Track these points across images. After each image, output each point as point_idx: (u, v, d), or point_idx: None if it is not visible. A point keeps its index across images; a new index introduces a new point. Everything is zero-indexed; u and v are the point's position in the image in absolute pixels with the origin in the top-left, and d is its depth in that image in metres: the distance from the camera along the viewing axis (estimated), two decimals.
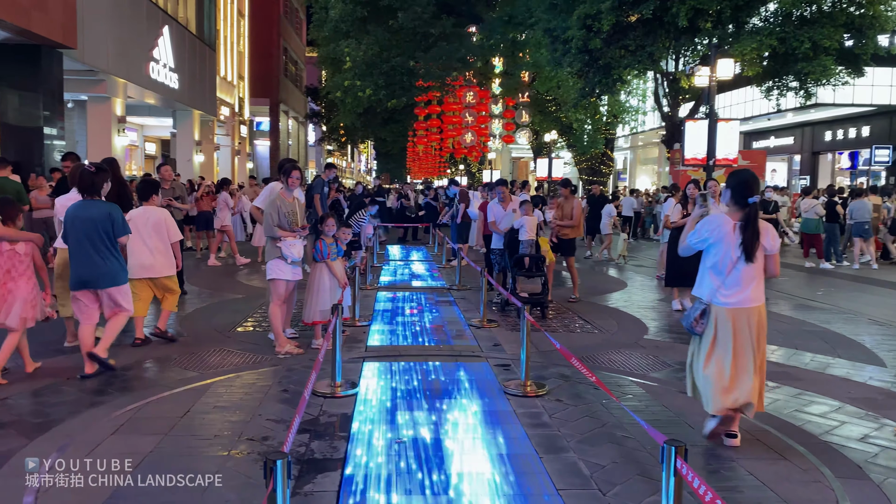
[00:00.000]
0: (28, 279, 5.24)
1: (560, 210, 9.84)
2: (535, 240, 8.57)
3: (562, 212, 9.78)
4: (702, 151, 16.30)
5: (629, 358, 6.28)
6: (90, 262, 5.21)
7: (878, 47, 16.82)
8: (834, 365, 6.21)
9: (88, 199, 5.35)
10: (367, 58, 24.36)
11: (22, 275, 5.21)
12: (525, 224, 8.51)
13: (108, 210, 5.30)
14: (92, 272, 5.23)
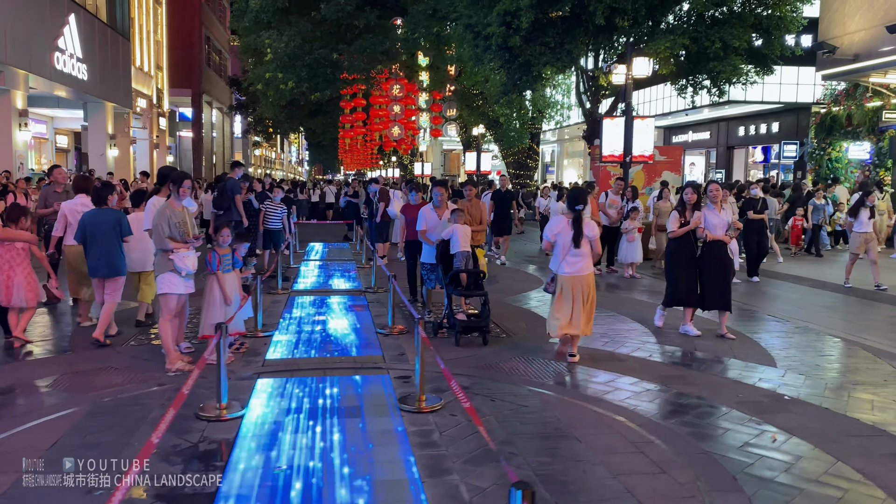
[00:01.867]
0: (24, 268, 6.59)
1: (467, 213, 8.38)
2: (470, 251, 7.44)
3: (469, 215, 8.45)
4: (619, 148, 16.62)
5: (531, 365, 6.29)
6: (104, 256, 6.63)
7: (785, 47, 17.50)
8: (729, 366, 6.39)
9: (99, 207, 6.77)
10: (289, 50, 23.79)
11: (19, 265, 6.55)
12: (457, 234, 7.38)
13: (117, 216, 6.77)
14: (105, 264, 6.65)
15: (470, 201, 8.63)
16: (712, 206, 7.49)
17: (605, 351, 6.91)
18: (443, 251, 7.55)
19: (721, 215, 7.45)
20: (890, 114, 17.68)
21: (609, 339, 7.47)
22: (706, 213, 7.41)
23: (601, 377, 5.95)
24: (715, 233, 7.36)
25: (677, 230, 7.42)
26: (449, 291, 7.20)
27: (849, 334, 7.87)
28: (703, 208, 7.48)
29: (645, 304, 9.69)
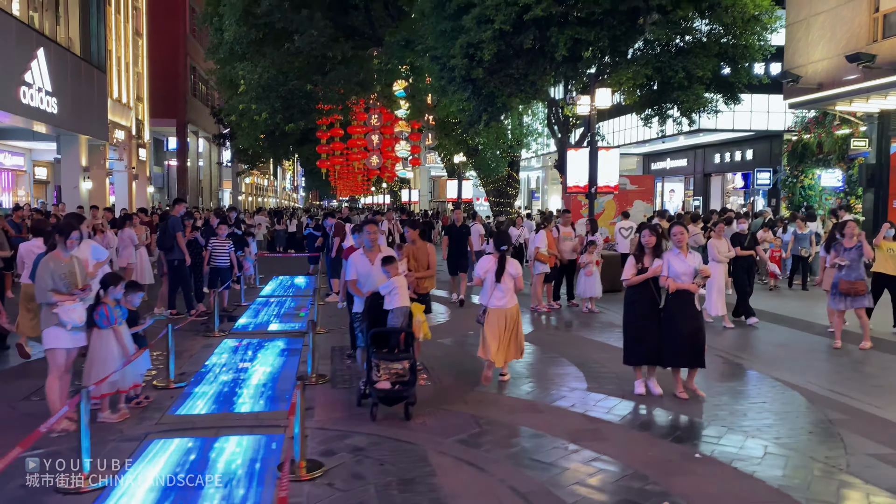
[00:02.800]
0: None
1: (412, 258, 7.74)
2: (408, 307, 6.38)
3: (416, 260, 7.72)
4: (584, 179, 16.49)
5: (444, 420, 6.02)
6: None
7: (752, 76, 17.45)
8: (656, 422, 6.13)
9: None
10: (262, 81, 23.77)
11: None
12: (395, 289, 6.30)
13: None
14: None
15: (414, 243, 7.87)
16: (677, 251, 6.65)
17: (526, 401, 6.65)
18: (371, 303, 6.42)
19: (687, 261, 6.58)
20: (858, 141, 17.59)
21: (538, 383, 7.21)
22: (670, 259, 6.58)
23: (508, 435, 5.68)
24: (680, 281, 6.52)
25: (632, 278, 6.66)
26: (370, 354, 6.08)
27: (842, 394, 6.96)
28: (667, 253, 6.66)
29: (594, 343, 9.45)
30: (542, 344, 9.32)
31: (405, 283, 6.52)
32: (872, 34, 15.77)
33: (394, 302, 6.31)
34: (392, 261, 6.48)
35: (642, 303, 6.70)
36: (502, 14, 15.26)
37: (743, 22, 16.49)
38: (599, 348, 9.10)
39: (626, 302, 6.87)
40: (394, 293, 6.32)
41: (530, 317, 11.84)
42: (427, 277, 7.80)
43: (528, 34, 15.52)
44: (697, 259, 6.68)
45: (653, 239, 6.71)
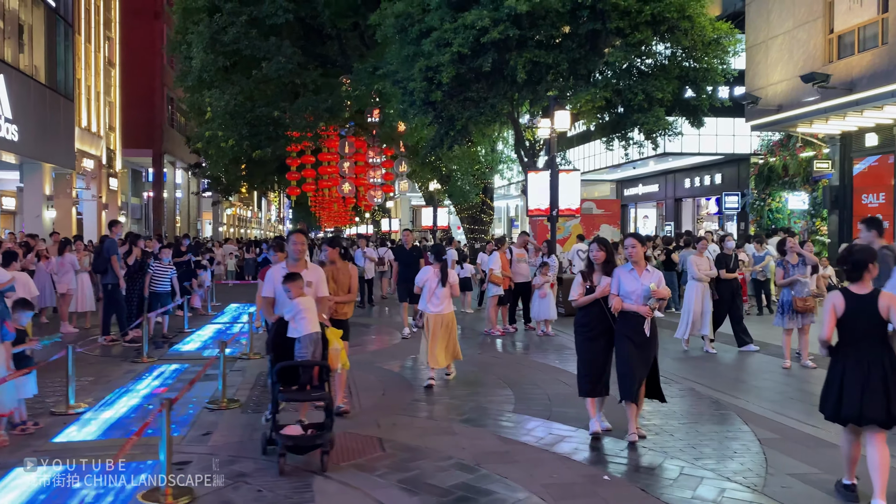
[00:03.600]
0: None
1: (331, 279, 6.55)
2: (318, 334, 5.42)
3: (336, 283, 6.65)
4: (545, 202, 16.28)
5: (351, 441, 5.63)
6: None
7: (714, 99, 17.42)
8: (567, 438, 5.79)
9: None
10: (229, 108, 23.58)
11: None
12: (300, 312, 5.33)
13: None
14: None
15: (334, 264, 6.78)
16: (630, 267, 5.75)
17: (442, 424, 6.28)
18: (277, 330, 5.45)
19: (641, 279, 5.65)
20: (821, 164, 17.53)
21: (462, 406, 6.85)
22: (620, 276, 5.71)
23: (410, 458, 5.31)
24: (629, 302, 5.62)
25: (579, 298, 5.92)
26: (274, 394, 5.20)
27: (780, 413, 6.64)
28: (618, 269, 5.80)
29: (539, 366, 9.11)
30: (482, 366, 8.98)
31: (313, 305, 5.48)
32: (828, 55, 15.79)
33: (300, 328, 5.33)
34: (295, 278, 5.44)
35: (592, 326, 5.87)
36: (460, 37, 15.19)
37: (703, 45, 16.51)
38: (542, 371, 8.76)
39: (575, 326, 6.06)
40: (299, 318, 5.34)
41: (482, 340, 11.50)
42: (347, 302, 6.77)
43: (486, 57, 15.43)
44: (655, 278, 5.69)
45: (601, 254, 5.90)
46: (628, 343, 5.62)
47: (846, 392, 4.19)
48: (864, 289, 4.27)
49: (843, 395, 4.20)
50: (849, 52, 15.33)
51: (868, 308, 4.17)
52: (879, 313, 4.15)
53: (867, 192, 16.72)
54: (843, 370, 4.27)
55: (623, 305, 5.62)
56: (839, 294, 4.34)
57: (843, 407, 4.21)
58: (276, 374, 5.23)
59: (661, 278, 5.80)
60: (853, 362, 4.23)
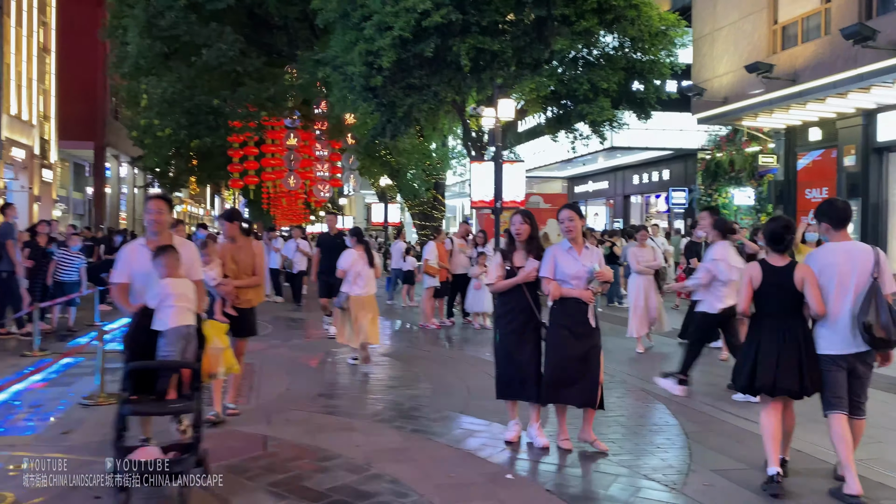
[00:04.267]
0: None
1: (230, 260, 5.60)
2: (191, 328, 4.16)
3: (236, 264, 5.62)
4: (489, 193, 15.80)
5: (231, 439, 4.98)
6: None
7: (662, 92, 17.18)
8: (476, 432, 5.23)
9: None
10: (167, 95, 22.53)
11: None
12: (168, 298, 4.10)
13: None
14: None
15: (234, 241, 5.72)
16: (568, 246, 4.87)
17: (344, 420, 5.66)
18: (138, 322, 4.18)
19: (581, 259, 4.81)
20: (766, 158, 17.41)
21: (372, 400, 6.25)
22: (558, 257, 4.82)
23: (291, 458, 4.69)
24: (568, 287, 4.79)
25: (497, 283, 4.98)
26: (122, 408, 3.87)
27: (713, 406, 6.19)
28: (553, 248, 4.95)
29: (467, 359, 8.56)
30: (407, 361, 8.40)
31: (189, 290, 4.21)
32: (772, 46, 15.63)
33: (165, 319, 4.05)
34: (168, 252, 4.18)
35: (512, 317, 4.95)
36: (402, 20, 14.60)
37: (650, 36, 16.25)
38: (470, 364, 8.23)
39: (494, 317, 5.20)
40: (165, 305, 4.08)
41: (415, 335, 10.92)
42: (251, 287, 5.70)
43: (428, 42, 14.86)
44: (596, 256, 4.91)
45: (525, 228, 4.93)
46: (567, 336, 4.72)
47: (761, 362, 4.13)
48: (781, 261, 4.21)
49: (757, 365, 4.14)
50: (792, 42, 15.19)
51: (784, 280, 4.13)
52: (794, 285, 4.11)
53: (811, 187, 16.65)
54: (759, 341, 4.19)
55: (562, 291, 4.76)
56: (756, 265, 4.28)
57: (758, 377, 4.14)
58: (126, 376, 3.95)
59: (601, 256, 5.03)
60: (768, 333, 4.16)
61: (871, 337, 3.94)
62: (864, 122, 14.95)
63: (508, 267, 4.96)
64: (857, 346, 4.03)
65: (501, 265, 5.02)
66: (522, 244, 5.01)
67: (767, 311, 4.20)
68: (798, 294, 4.11)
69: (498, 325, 5.13)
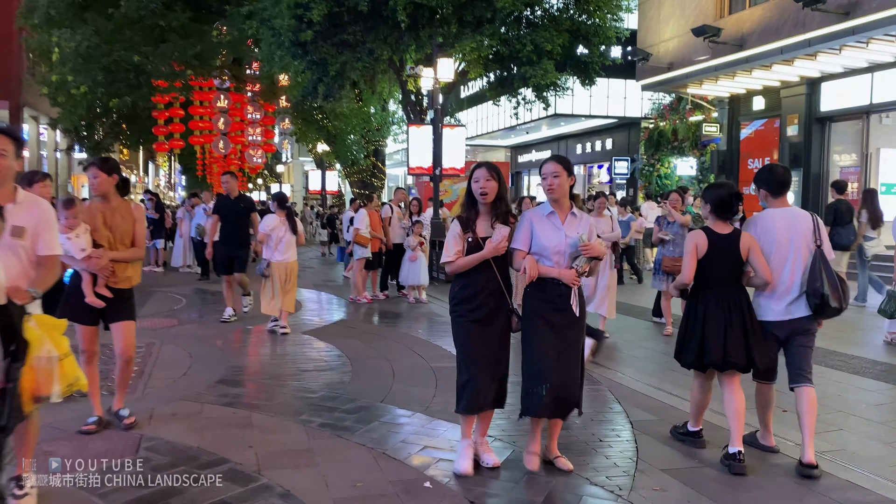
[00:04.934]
0: None
1: (102, 225, 4.33)
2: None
3: (110, 230, 4.36)
4: (428, 160, 15.01)
5: (102, 441, 4.13)
6: None
7: (607, 57, 16.62)
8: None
9: None
10: (81, 50, 20.74)
11: None
12: None
13: None
14: None
15: (107, 201, 4.40)
16: (549, 210, 3.80)
17: (242, 414, 4.86)
18: None
19: (566, 228, 3.75)
20: (709, 127, 17.14)
21: (277, 389, 5.46)
22: (535, 224, 3.77)
23: (168, 464, 3.89)
24: (549, 264, 3.73)
25: (458, 260, 3.80)
26: None
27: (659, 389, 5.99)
28: (530, 213, 3.89)
29: (401, 339, 7.82)
30: (330, 338, 7.62)
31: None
32: (719, 10, 15.24)
33: None
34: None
35: (479, 303, 3.77)
36: None
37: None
38: (400, 342, 7.51)
39: (451, 301, 3.90)
40: None
41: (343, 309, 10.14)
42: (129, 261, 4.43)
43: None
44: (585, 224, 3.81)
45: (491, 185, 3.73)
46: (543, 327, 3.69)
47: (708, 336, 3.93)
48: (726, 228, 4.02)
49: (705, 339, 3.93)
50: (740, 6, 14.80)
51: (729, 248, 3.96)
52: (740, 254, 3.95)
53: (753, 157, 16.46)
54: (704, 314, 3.97)
55: (540, 270, 3.69)
56: (701, 233, 4.02)
57: (707, 352, 3.93)
58: None
59: (592, 225, 3.86)
60: (714, 305, 3.95)
61: (824, 305, 3.86)
62: (807, 92, 14.74)
63: (470, 238, 3.77)
64: (797, 313, 3.96)
65: (461, 236, 3.80)
66: (487, 208, 3.81)
67: (712, 282, 3.99)
68: (742, 263, 3.98)
69: (457, 313, 3.84)
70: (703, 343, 3.94)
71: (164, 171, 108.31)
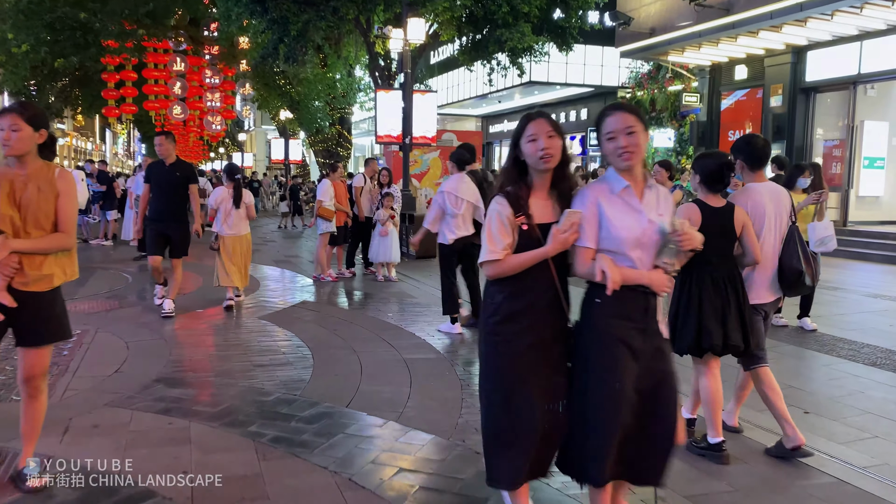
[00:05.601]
0: None
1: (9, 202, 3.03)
2: None
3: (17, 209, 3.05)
4: (397, 127, 14.14)
5: None
6: None
7: (584, 22, 15.85)
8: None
9: None
10: (22, 5, 19.23)
11: None
12: None
13: None
14: None
15: (22, 164, 3.08)
16: (624, 184, 2.57)
17: (174, 424, 4.08)
18: None
19: (644, 207, 2.59)
20: (689, 97, 16.54)
21: (217, 400, 4.69)
22: (603, 207, 2.55)
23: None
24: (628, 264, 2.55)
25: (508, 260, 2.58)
26: None
27: None
28: (591, 191, 2.59)
29: (369, 324, 7.05)
30: (290, 323, 6.84)
31: None
32: None
33: None
34: None
35: (528, 321, 2.60)
36: None
37: None
38: (368, 328, 6.75)
39: (485, 323, 2.68)
40: None
41: (307, 288, 9.33)
42: (46, 253, 3.09)
43: None
44: (665, 204, 2.66)
45: (556, 144, 2.57)
46: (626, 358, 2.51)
47: (706, 318, 3.58)
48: (718, 202, 3.69)
49: (702, 321, 3.59)
50: None
51: (726, 222, 3.64)
52: (734, 229, 3.65)
53: (734, 128, 15.92)
54: (700, 294, 3.61)
55: (624, 275, 2.50)
56: (694, 206, 3.66)
57: (706, 334, 3.58)
58: None
59: (671, 203, 2.70)
60: (709, 284, 3.61)
61: (800, 284, 3.78)
62: (793, 61, 14.18)
63: (525, 225, 2.56)
64: (778, 293, 3.88)
65: (511, 221, 2.57)
66: (546, 179, 2.62)
67: (707, 259, 3.48)
68: (734, 238, 3.67)
69: (500, 336, 2.60)
70: (700, 325, 3.61)
71: (123, 140, 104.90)
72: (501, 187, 2.64)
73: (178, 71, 24.14)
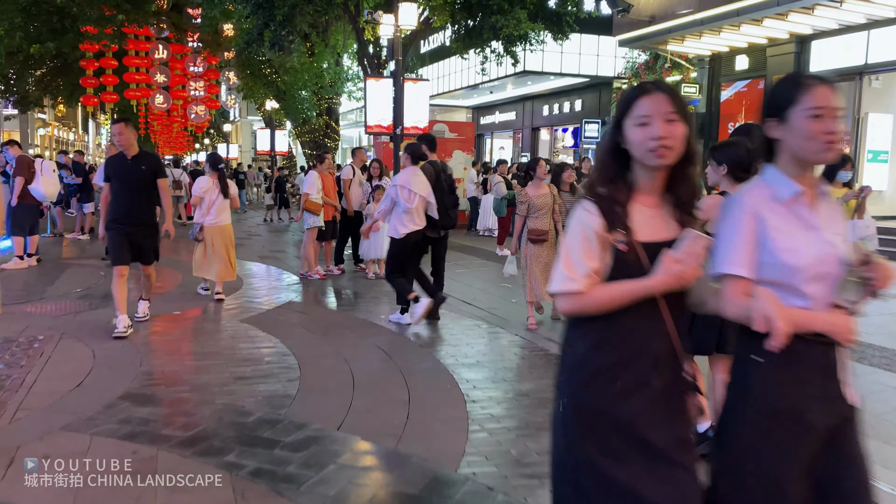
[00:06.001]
0: None
1: None
2: None
3: None
4: (388, 117, 13.59)
5: None
6: None
7: (581, 9, 15.35)
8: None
9: None
10: None
11: None
12: None
13: None
14: None
15: None
16: (794, 190, 1.82)
17: (141, 451, 3.55)
18: None
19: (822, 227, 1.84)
20: (688, 88, 16.07)
21: (192, 420, 4.15)
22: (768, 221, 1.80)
23: None
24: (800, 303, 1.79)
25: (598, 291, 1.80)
26: None
27: None
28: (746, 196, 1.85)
29: (360, 327, 6.54)
30: (275, 327, 6.31)
31: None
32: None
33: None
34: None
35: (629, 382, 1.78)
36: None
37: None
38: (360, 333, 6.24)
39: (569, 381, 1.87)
40: None
41: (293, 286, 8.79)
42: None
43: None
44: (840, 218, 1.90)
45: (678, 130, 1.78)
46: (802, 437, 1.76)
47: (701, 319, 3.28)
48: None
49: (694, 321, 3.29)
50: None
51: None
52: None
53: (734, 120, 15.47)
54: None
55: (795, 318, 1.72)
56: (719, 198, 3.26)
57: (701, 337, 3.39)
58: None
59: (843, 219, 1.93)
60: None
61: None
62: (796, 51, 13.73)
63: (622, 243, 1.80)
64: None
65: (601, 237, 1.82)
66: (657, 180, 1.86)
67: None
68: None
69: (584, 405, 1.83)
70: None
71: (106, 130, 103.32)
72: (591, 187, 1.87)
73: (161, 59, 23.37)
